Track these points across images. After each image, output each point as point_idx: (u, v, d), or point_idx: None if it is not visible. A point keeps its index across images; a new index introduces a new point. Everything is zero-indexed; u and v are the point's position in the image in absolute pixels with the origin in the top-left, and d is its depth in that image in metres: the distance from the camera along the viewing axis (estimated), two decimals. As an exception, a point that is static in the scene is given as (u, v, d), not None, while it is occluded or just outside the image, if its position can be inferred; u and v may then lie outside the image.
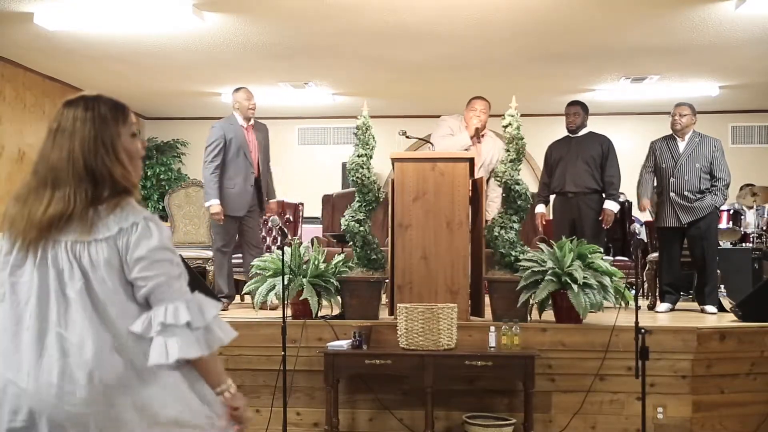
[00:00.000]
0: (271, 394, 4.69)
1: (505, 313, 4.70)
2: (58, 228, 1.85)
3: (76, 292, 1.84)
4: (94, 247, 1.85)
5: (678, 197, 5.86)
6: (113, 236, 1.86)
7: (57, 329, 1.83)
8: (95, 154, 1.88)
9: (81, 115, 1.92)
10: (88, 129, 1.90)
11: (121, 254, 1.86)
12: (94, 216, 1.86)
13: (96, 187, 1.87)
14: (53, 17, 6.61)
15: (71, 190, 1.86)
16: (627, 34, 7.18)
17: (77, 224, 1.85)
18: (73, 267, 1.85)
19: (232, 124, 6.07)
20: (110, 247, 1.86)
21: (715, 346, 4.63)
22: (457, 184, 4.91)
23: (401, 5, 6.39)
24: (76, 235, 1.85)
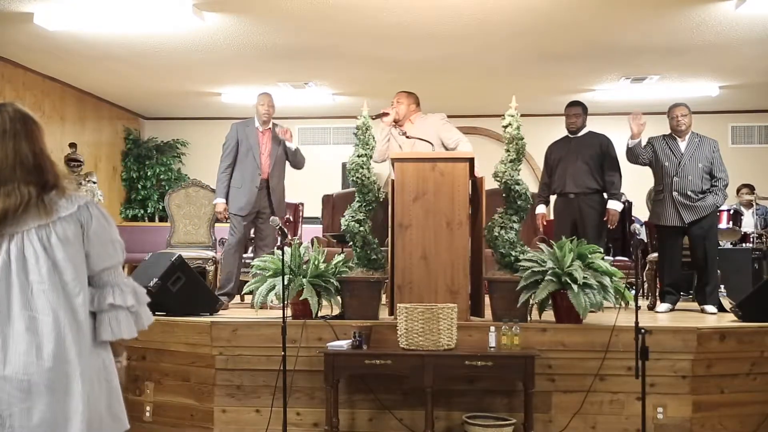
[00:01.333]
0: (271, 394, 4.69)
1: (505, 313, 4.70)
2: (13, 220, 2.00)
3: (43, 275, 1.99)
4: (60, 225, 2.04)
5: (681, 197, 5.86)
6: (75, 213, 2.06)
7: (25, 312, 1.96)
8: (41, 151, 2.10)
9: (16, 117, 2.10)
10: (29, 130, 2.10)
11: (83, 228, 2.07)
12: (49, 201, 2.04)
13: (42, 179, 2.06)
14: (53, 17, 6.61)
15: (20, 184, 2.02)
16: (627, 34, 7.19)
17: (34, 212, 2.02)
18: (37, 251, 2.01)
19: (248, 126, 6.27)
20: (74, 222, 2.06)
21: (715, 346, 4.63)
22: (457, 184, 4.91)
23: (401, 5, 6.39)
24: (37, 220, 2.02)
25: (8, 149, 2.05)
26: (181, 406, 4.89)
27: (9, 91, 8.35)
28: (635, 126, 5.94)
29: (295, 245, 5.09)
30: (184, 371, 4.91)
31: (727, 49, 7.58)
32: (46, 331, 1.96)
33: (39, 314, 1.97)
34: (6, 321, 1.96)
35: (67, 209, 2.05)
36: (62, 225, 2.03)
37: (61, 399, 1.96)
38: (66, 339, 1.98)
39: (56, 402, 1.95)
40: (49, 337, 1.96)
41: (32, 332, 1.95)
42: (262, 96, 6.30)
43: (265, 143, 6.21)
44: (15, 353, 1.94)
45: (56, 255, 2.01)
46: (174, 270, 5.07)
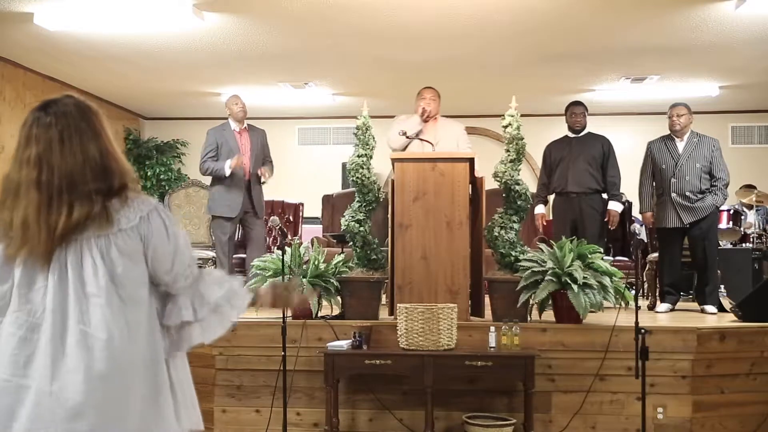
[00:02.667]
0: (271, 394, 4.69)
1: (505, 313, 4.70)
2: (81, 228, 1.86)
3: (100, 288, 1.85)
4: (120, 238, 1.88)
5: (679, 197, 5.86)
6: (136, 225, 1.90)
7: (80, 327, 1.83)
8: (110, 152, 1.92)
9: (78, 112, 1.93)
10: (93, 125, 1.93)
11: (144, 241, 1.92)
12: (111, 210, 1.88)
13: (108, 183, 1.89)
14: (53, 17, 6.61)
15: (90, 191, 1.86)
16: (627, 34, 7.18)
17: (97, 220, 1.86)
18: (96, 263, 1.86)
19: (224, 129, 6.41)
20: (135, 235, 1.90)
21: (715, 346, 4.63)
22: (457, 184, 4.91)
23: (401, 5, 6.39)
24: (97, 230, 1.86)
25: (75, 151, 1.88)
26: (181, 406, 4.88)
27: (9, 91, 8.35)
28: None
29: (295, 245, 5.09)
30: (184, 371, 4.90)
31: (727, 49, 7.57)
32: (99, 348, 1.82)
33: (93, 330, 1.83)
34: (60, 334, 1.83)
35: (129, 221, 1.89)
36: (123, 237, 1.88)
37: (105, 423, 1.84)
38: (118, 359, 1.84)
39: (101, 425, 1.83)
40: (101, 357, 1.82)
41: (84, 349, 1.82)
42: (234, 97, 6.47)
43: (244, 143, 6.33)
44: (64, 370, 1.81)
45: (115, 269, 1.87)
46: (174, 270, 5.07)
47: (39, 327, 1.85)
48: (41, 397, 1.81)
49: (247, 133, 6.34)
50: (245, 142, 6.30)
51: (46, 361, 1.82)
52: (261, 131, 6.55)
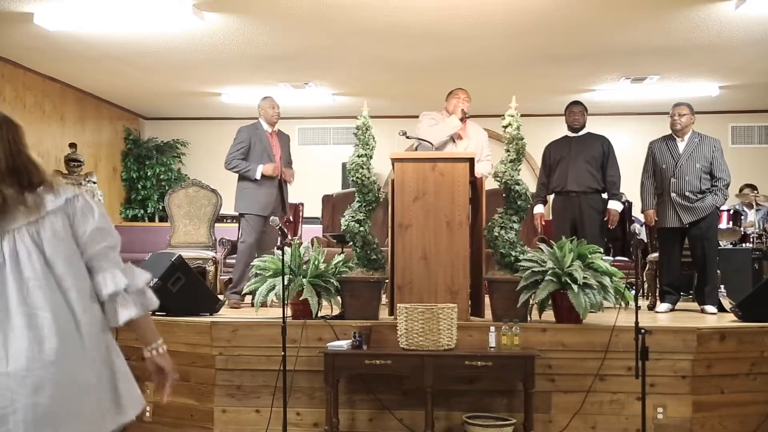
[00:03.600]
0: (271, 395, 4.69)
1: (505, 313, 4.70)
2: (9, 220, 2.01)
3: (37, 271, 2.01)
4: (48, 221, 2.05)
5: (679, 197, 5.86)
6: (62, 206, 2.08)
7: (23, 309, 1.98)
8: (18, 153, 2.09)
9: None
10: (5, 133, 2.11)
11: (71, 221, 2.09)
12: (36, 197, 2.05)
13: (21, 180, 2.06)
14: (53, 17, 6.61)
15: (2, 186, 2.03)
16: (627, 34, 7.19)
17: (23, 210, 2.03)
18: (29, 248, 2.02)
19: (257, 129, 6.41)
20: (63, 216, 2.07)
21: (715, 346, 4.63)
22: (457, 184, 4.90)
23: (401, 5, 6.39)
24: (26, 217, 2.03)
25: None
26: (181, 406, 4.89)
27: (9, 91, 8.35)
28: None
29: (295, 245, 5.09)
30: (184, 371, 4.91)
31: (727, 49, 7.58)
32: (46, 326, 1.97)
33: (37, 310, 1.98)
34: (5, 319, 1.97)
35: (54, 203, 2.06)
36: (50, 220, 2.05)
37: (65, 393, 1.97)
38: (66, 333, 1.99)
39: (60, 396, 1.96)
40: (50, 332, 1.97)
41: (32, 328, 1.96)
42: (269, 100, 6.48)
43: (275, 144, 6.41)
44: (17, 350, 1.95)
45: (46, 250, 2.03)
46: (174, 270, 5.08)
47: None
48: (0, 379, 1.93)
49: (277, 136, 6.44)
50: (276, 144, 6.38)
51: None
52: (287, 135, 6.64)
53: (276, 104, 6.47)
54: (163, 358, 2.21)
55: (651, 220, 6.06)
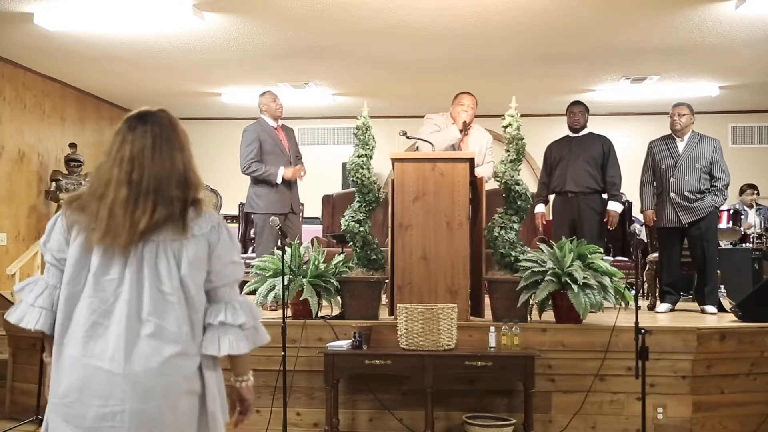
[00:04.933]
0: (271, 395, 4.69)
1: (505, 313, 4.70)
2: (158, 230, 2.05)
3: (174, 288, 2.04)
4: (192, 243, 2.07)
5: (678, 197, 5.86)
6: (206, 233, 2.10)
7: (154, 319, 2.01)
8: (191, 166, 2.13)
9: (170, 127, 2.14)
10: (183, 142, 2.14)
11: (211, 248, 2.11)
12: (187, 218, 2.08)
13: (186, 193, 2.09)
14: (53, 17, 6.61)
15: (173, 197, 2.07)
16: (627, 34, 7.19)
17: (172, 225, 2.06)
18: (170, 264, 2.05)
19: (263, 126, 6.36)
20: (204, 242, 2.10)
21: (715, 346, 4.63)
22: (457, 184, 4.90)
23: (401, 5, 6.39)
24: (172, 234, 2.06)
25: (165, 158, 2.08)
26: (181, 406, 4.88)
27: (9, 91, 8.35)
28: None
29: (295, 245, 5.09)
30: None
31: (727, 49, 7.58)
32: (171, 341, 2.02)
33: (167, 324, 2.02)
34: (135, 324, 2.01)
35: (201, 229, 2.09)
36: (194, 243, 2.07)
37: (171, 406, 2.01)
38: (186, 352, 2.04)
39: (166, 407, 2.00)
40: (172, 348, 2.01)
41: (158, 339, 2.01)
42: (269, 94, 6.45)
43: (283, 139, 6.39)
44: (139, 356, 1.99)
45: (184, 271, 2.05)
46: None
47: (110, 314, 2.02)
48: (114, 378, 1.98)
49: (283, 130, 6.41)
50: (284, 138, 6.35)
51: (119, 346, 1.99)
52: (291, 129, 6.61)
53: (277, 97, 6.42)
54: (249, 390, 2.24)
55: (650, 221, 6.07)
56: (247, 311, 2.15)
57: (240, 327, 2.13)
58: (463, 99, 5.78)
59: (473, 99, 5.80)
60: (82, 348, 2.00)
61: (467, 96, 5.80)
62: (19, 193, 8.59)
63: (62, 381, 2.01)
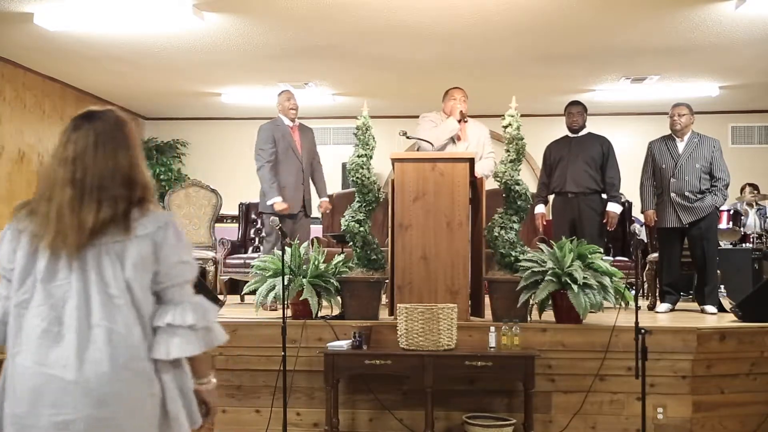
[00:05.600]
0: (271, 395, 4.69)
1: (505, 313, 4.70)
2: (102, 231, 2.00)
3: (121, 290, 1.99)
4: (135, 244, 2.01)
5: (678, 197, 5.86)
6: (152, 233, 2.03)
7: (105, 323, 1.97)
8: (137, 165, 2.08)
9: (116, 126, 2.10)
10: (128, 141, 2.09)
11: (156, 248, 2.04)
12: (130, 218, 2.02)
13: (131, 193, 2.04)
14: (53, 17, 6.60)
15: (117, 195, 2.02)
16: (627, 34, 7.18)
17: (116, 226, 2.00)
18: (115, 267, 2.00)
19: (278, 125, 6.39)
20: (150, 243, 2.03)
21: (715, 346, 4.63)
22: (457, 184, 4.91)
23: (401, 5, 6.39)
24: (116, 236, 2.00)
25: (108, 157, 2.04)
26: (181, 406, 4.88)
27: (9, 91, 8.35)
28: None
29: (295, 245, 5.09)
30: (184, 371, 4.90)
31: (727, 49, 7.57)
32: (122, 345, 1.97)
33: (117, 327, 1.97)
34: (86, 330, 1.96)
35: (145, 228, 2.02)
36: (137, 244, 2.01)
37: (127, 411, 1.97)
38: (138, 355, 1.99)
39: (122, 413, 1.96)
40: (124, 352, 1.97)
41: (109, 344, 1.96)
42: (285, 93, 6.48)
43: (298, 140, 6.39)
44: (91, 362, 1.94)
45: (128, 273, 2.00)
46: (174, 270, 5.06)
47: (61, 320, 1.98)
48: (67, 386, 1.93)
49: (299, 131, 6.41)
50: (298, 139, 6.38)
51: (70, 353, 1.95)
52: (310, 129, 6.61)
53: (291, 96, 6.43)
54: (210, 393, 2.20)
55: (651, 221, 6.07)
56: (198, 311, 2.08)
57: (190, 328, 2.05)
58: (454, 93, 5.83)
59: (464, 92, 5.85)
60: (34, 356, 1.96)
61: (457, 90, 5.85)
62: (19, 193, 8.59)
63: (15, 391, 1.97)
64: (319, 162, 6.60)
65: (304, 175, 6.38)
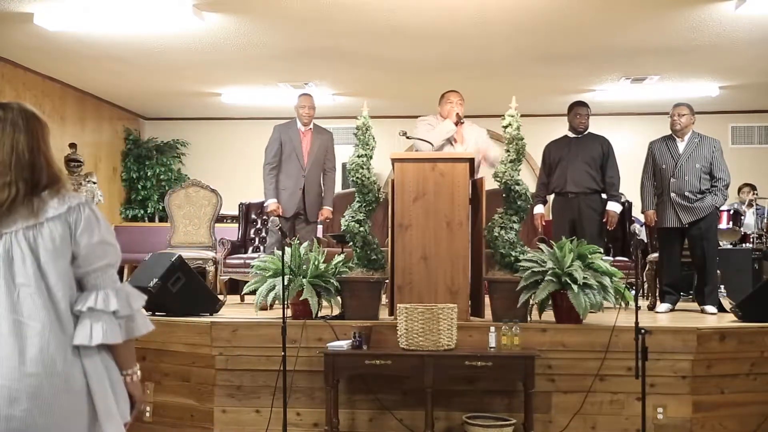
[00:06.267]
0: (271, 395, 4.69)
1: (505, 313, 4.69)
2: (7, 213, 1.95)
3: (29, 278, 1.93)
4: (46, 227, 1.97)
5: (678, 197, 5.86)
6: (63, 214, 1.99)
7: (11, 316, 1.91)
8: (40, 151, 2.05)
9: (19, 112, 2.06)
10: (30, 127, 2.05)
11: (71, 230, 1.99)
12: (39, 201, 1.98)
13: (34, 178, 2.00)
14: (53, 17, 6.61)
15: (12, 179, 1.97)
16: (627, 34, 7.19)
17: (23, 212, 1.96)
18: (24, 253, 1.95)
19: (290, 127, 6.48)
20: (62, 224, 1.98)
21: (715, 346, 4.63)
22: (457, 184, 4.90)
23: (401, 5, 6.39)
24: (24, 221, 1.96)
25: (5, 142, 2.01)
26: (181, 407, 4.89)
27: (9, 91, 8.35)
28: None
29: (295, 245, 5.09)
30: (184, 371, 4.91)
31: (727, 49, 7.58)
32: (31, 335, 1.90)
33: (25, 318, 1.91)
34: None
35: (57, 210, 1.98)
36: (49, 226, 1.97)
37: (41, 407, 1.89)
38: (51, 345, 1.91)
39: (35, 410, 1.89)
40: (33, 342, 1.90)
41: (17, 337, 1.89)
42: (303, 97, 6.52)
43: (306, 144, 6.44)
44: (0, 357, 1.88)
45: (41, 258, 1.95)
46: (174, 270, 5.07)
47: None
48: None
49: (311, 134, 6.47)
50: (306, 143, 6.44)
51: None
52: (327, 134, 6.62)
53: (306, 102, 6.45)
54: (135, 386, 2.13)
55: (651, 221, 6.07)
56: (121, 298, 2.02)
57: (114, 314, 2.00)
58: (450, 96, 5.84)
59: (460, 95, 5.86)
60: None
61: (453, 93, 5.86)
62: (19, 193, 8.58)
63: None
64: (332, 168, 6.59)
65: (306, 180, 6.38)
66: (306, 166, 6.38)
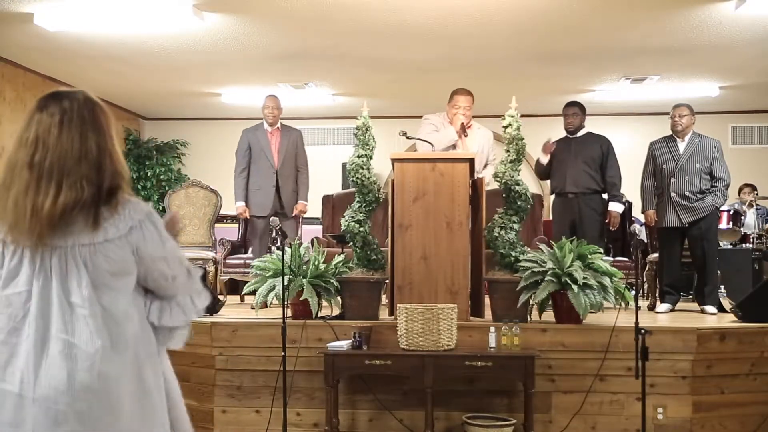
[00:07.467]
0: (271, 395, 4.69)
1: (505, 313, 4.69)
2: (65, 222, 1.80)
3: (83, 299, 1.82)
4: (106, 248, 1.84)
5: (679, 197, 5.86)
6: (125, 235, 1.86)
7: (62, 336, 1.81)
8: (108, 150, 1.89)
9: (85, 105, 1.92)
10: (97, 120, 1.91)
11: (133, 251, 1.88)
12: (98, 216, 1.83)
13: (99, 179, 1.85)
14: (53, 17, 6.61)
15: (81, 178, 1.82)
16: (627, 35, 7.18)
17: (80, 224, 1.81)
18: (80, 272, 1.82)
19: (257, 129, 6.64)
20: (124, 246, 1.86)
21: (715, 346, 4.63)
22: (457, 185, 4.90)
23: (401, 5, 6.39)
24: (81, 237, 1.82)
25: (73, 137, 1.85)
26: (181, 407, 4.88)
27: (9, 91, 8.35)
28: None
29: (295, 245, 5.09)
30: (184, 371, 4.90)
31: (727, 49, 7.57)
32: (82, 359, 1.80)
33: (77, 340, 1.80)
34: (42, 342, 1.81)
35: (118, 230, 1.84)
36: (110, 248, 1.84)
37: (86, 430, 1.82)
38: (102, 370, 1.82)
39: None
40: (84, 367, 1.80)
41: (67, 358, 1.80)
42: (268, 98, 6.66)
43: (274, 143, 6.55)
44: (47, 377, 1.79)
45: (98, 279, 1.83)
46: (174, 270, 5.06)
47: (19, 331, 1.83)
48: (24, 402, 1.80)
49: (279, 133, 6.59)
50: (275, 142, 6.55)
51: (28, 368, 1.81)
52: (295, 132, 6.74)
53: (270, 103, 6.58)
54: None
55: (651, 221, 6.07)
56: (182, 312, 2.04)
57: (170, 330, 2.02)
58: (458, 100, 5.76)
59: (469, 98, 5.77)
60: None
61: (463, 97, 5.77)
62: (19, 193, 8.59)
63: None
64: (303, 164, 6.71)
65: (278, 177, 6.50)
66: (276, 164, 6.50)
